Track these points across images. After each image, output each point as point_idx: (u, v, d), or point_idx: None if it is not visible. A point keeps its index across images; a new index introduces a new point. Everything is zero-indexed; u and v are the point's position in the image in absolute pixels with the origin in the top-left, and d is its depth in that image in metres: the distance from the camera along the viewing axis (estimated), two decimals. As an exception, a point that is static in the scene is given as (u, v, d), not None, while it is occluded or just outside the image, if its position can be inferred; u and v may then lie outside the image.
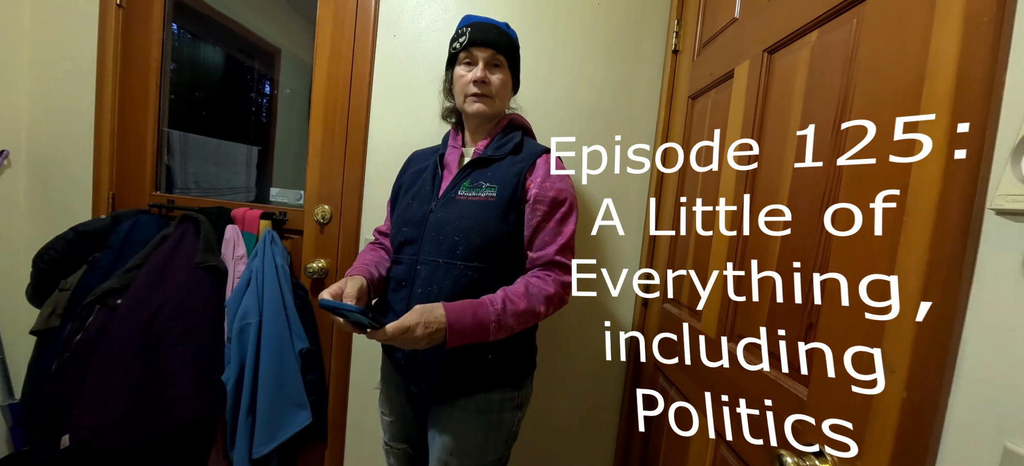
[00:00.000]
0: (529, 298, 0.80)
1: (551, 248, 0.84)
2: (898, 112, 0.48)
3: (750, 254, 0.78)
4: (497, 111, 0.93)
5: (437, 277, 0.83)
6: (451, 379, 0.86)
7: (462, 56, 0.92)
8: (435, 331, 0.74)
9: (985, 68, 0.40)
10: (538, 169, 0.87)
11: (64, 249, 1.21)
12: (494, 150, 0.91)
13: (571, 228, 0.86)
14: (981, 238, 0.41)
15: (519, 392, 0.92)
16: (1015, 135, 0.38)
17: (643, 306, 1.27)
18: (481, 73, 0.89)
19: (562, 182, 0.87)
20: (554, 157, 0.88)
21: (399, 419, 0.99)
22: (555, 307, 0.84)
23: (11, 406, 1.39)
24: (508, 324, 0.78)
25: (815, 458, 0.54)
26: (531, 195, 0.85)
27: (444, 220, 0.85)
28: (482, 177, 0.88)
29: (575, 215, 0.88)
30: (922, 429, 0.43)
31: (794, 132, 0.69)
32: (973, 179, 0.41)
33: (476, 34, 0.90)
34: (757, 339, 0.73)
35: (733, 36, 0.92)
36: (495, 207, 0.84)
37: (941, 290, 0.42)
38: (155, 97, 1.42)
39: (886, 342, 0.47)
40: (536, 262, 0.85)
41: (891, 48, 0.50)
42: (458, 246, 0.83)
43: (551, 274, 0.84)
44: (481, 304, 0.78)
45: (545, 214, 0.85)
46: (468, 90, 0.90)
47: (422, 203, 0.90)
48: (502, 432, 0.91)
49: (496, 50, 0.90)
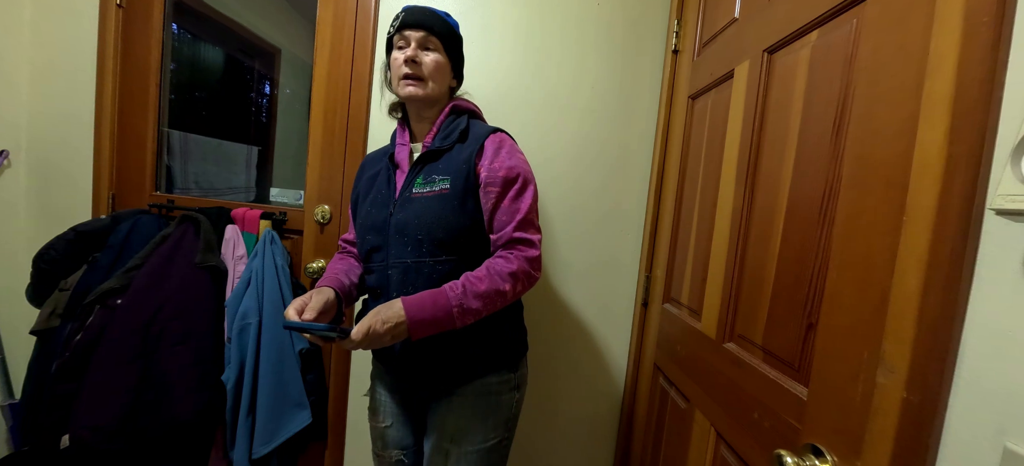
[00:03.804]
0: (491, 278, 0.79)
1: (509, 227, 0.82)
2: (898, 112, 0.48)
3: (750, 254, 0.78)
4: (431, 94, 0.89)
5: (410, 278, 0.83)
6: (444, 372, 0.87)
7: (396, 39, 0.89)
8: (396, 326, 0.73)
9: (985, 68, 0.40)
10: (487, 151, 0.85)
11: (64, 249, 1.21)
12: (441, 140, 0.89)
13: (528, 202, 0.84)
14: (981, 238, 0.41)
15: (515, 373, 0.92)
16: (1015, 135, 0.38)
17: (643, 305, 1.27)
18: (412, 51, 0.86)
19: (512, 159, 0.85)
20: (501, 136, 0.87)
21: (393, 423, 0.97)
22: (523, 283, 0.82)
23: (11, 406, 1.39)
24: (472, 307, 0.77)
25: (815, 458, 0.54)
26: (482, 179, 0.84)
27: (405, 220, 0.84)
28: (434, 170, 0.86)
29: (532, 189, 0.85)
30: (922, 429, 0.43)
31: (794, 132, 0.69)
32: (973, 179, 0.41)
33: (408, 16, 0.87)
34: (757, 339, 0.73)
35: (733, 36, 0.92)
36: (451, 198, 0.83)
37: (941, 290, 0.42)
38: (155, 97, 1.42)
39: (886, 342, 0.47)
40: (498, 243, 0.84)
41: (891, 48, 0.50)
42: (423, 244, 0.83)
43: (513, 251, 0.82)
44: (440, 292, 0.77)
45: (498, 195, 0.83)
46: (400, 72, 0.87)
47: (381, 207, 0.89)
48: (501, 415, 0.91)
49: (429, 32, 0.87)
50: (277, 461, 1.16)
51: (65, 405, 1.03)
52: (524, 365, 0.97)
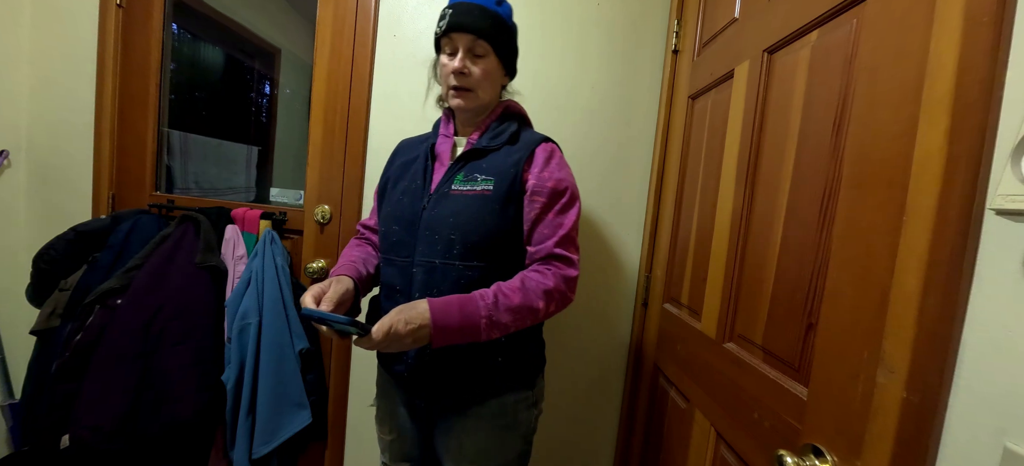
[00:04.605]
0: (525, 292, 0.74)
1: (550, 241, 0.78)
2: (898, 112, 0.48)
3: (750, 253, 0.78)
4: (480, 104, 0.86)
5: (435, 280, 0.78)
6: (461, 389, 0.82)
7: (443, 42, 0.84)
8: (418, 328, 0.68)
9: (985, 68, 0.40)
10: (537, 159, 0.82)
11: (64, 249, 1.21)
12: (489, 140, 0.85)
13: (572, 219, 0.80)
14: (981, 238, 0.41)
15: (532, 390, 0.88)
16: (1015, 135, 0.38)
17: (643, 306, 1.27)
18: (459, 63, 0.81)
19: (561, 171, 0.82)
20: (552, 146, 0.84)
21: (400, 436, 0.93)
22: (556, 304, 0.78)
23: (11, 406, 1.39)
24: (502, 321, 0.72)
25: (815, 458, 0.54)
26: (529, 186, 0.80)
27: (438, 217, 0.80)
28: (477, 169, 0.82)
29: (577, 206, 0.82)
30: (922, 429, 0.43)
31: (794, 132, 0.69)
32: (973, 179, 0.41)
33: (455, 17, 0.81)
34: (757, 339, 0.73)
35: (733, 36, 0.92)
36: (493, 201, 0.79)
37: (941, 290, 0.42)
38: (155, 97, 1.42)
39: (886, 342, 0.47)
40: (535, 256, 0.80)
41: (891, 48, 0.50)
42: (455, 245, 0.78)
43: (551, 268, 0.78)
44: (470, 299, 0.72)
45: (544, 206, 0.79)
46: (449, 82, 0.84)
47: (413, 199, 0.84)
48: (519, 432, 0.87)
49: (477, 35, 0.81)
50: (277, 461, 1.16)
51: (65, 405, 1.03)
52: (541, 381, 0.93)
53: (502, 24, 0.84)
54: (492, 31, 0.82)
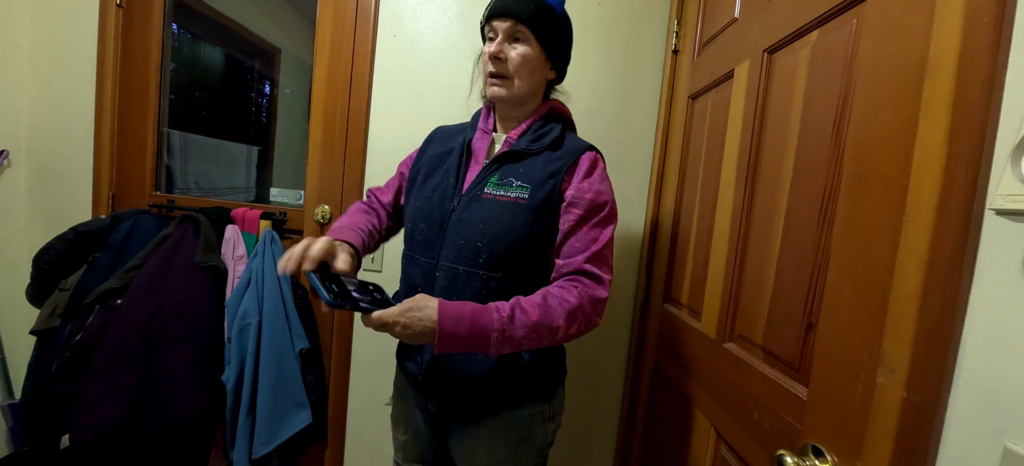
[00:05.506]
0: (546, 309, 0.68)
1: (581, 256, 0.72)
2: (898, 112, 0.48)
3: (750, 253, 0.78)
4: (518, 94, 0.79)
5: (457, 288, 0.75)
6: (475, 399, 0.79)
7: (486, 31, 0.79)
8: (421, 332, 0.64)
9: (985, 68, 0.40)
10: (580, 168, 0.76)
11: (64, 249, 1.21)
12: (529, 142, 0.79)
13: (608, 236, 0.75)
14: (981, 238, 0.41)
15: (550, 404, 0.83)
16: (1015, 135, 0.38)
17: (643, 306, 1.27)
18: (495, 47, 0.76)
19: (602, 183, 0.76)
20: (597, 155, 0.79)
21: (414, 437, 0.90)
22: (579, 326, 0.71)
23: (11, 406, 1.39)
24: (515, 337, 0.67)
25: (815, 458, 0.54)
26: (567, 196, 0.75)
27: (467, 221, 0.75)
28: (514, 173, 0.76)
29: (614, 224, 0.77)
30: (922, 429, 0.43)
31: (794, 132, 0.69)
32: (973, 179, 0.41)
33: (496, 3, 0.76)
34: (757, 339, 0.73)
35: (733, 36, 0.92)
36: (526, 211, 0.74)
37: (941, 290, 0.42)
38: (155, 97, 1.42)
39: (886, 342, 0.47)
40: (562, 270, 0.74)
41: (891, 48, 0.50)
42: (481, 253, 0.74)
43: (578, 285, 0.72)
44: (484, 311, 0.67)
45: (580, 218, 0.74)
46: (486, 69, 0.78)
47: (444, 198, 0.79)
48: (535, 446, 0.83)
49: (516, 20, 0.75)
50: (277, 461, 1.16)
51: (65, 405, 1.03)
52: (561, 393, 0.88)
53: (547, 11, 0.77)
54: (534, 17, 0.76)
